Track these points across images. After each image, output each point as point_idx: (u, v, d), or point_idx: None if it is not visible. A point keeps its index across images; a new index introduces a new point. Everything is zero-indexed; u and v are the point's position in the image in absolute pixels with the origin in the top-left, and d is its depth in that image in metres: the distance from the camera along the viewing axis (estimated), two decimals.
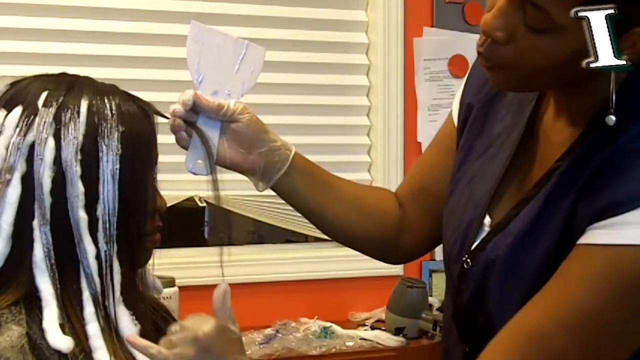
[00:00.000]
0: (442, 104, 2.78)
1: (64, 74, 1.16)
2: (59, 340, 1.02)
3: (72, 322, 1.05)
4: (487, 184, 1.25)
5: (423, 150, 2.74)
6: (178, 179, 2.37)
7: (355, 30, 2.73)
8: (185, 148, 1.27)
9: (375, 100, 2.72)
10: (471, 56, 2.79)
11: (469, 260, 1.22)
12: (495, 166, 1.25)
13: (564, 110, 1.19)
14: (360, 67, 2.74)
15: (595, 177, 1.10)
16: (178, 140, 1.26)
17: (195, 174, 1.26)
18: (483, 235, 1.22)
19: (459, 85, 2.84)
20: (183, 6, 2.49)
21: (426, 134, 2.75)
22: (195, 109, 1.25)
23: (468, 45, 2.79)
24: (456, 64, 2.79)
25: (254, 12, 2.57)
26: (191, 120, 1.25)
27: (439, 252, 2.76)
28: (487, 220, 1.23)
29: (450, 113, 1.41)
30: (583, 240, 1.09)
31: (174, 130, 1.25)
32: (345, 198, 1.39)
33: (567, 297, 1.09)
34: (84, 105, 1.10)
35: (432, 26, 2.77)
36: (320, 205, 1.36)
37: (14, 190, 1.07)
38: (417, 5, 2.75)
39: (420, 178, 1.44)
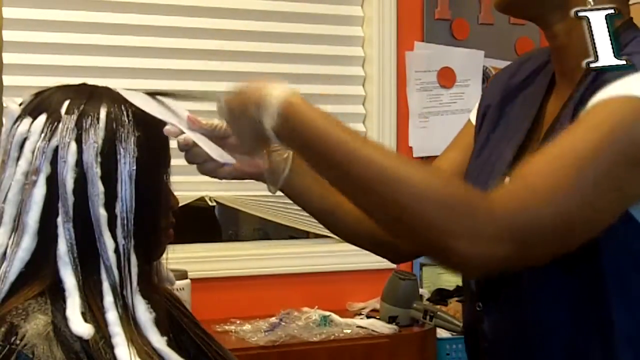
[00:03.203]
0: (431, 112, 2.79)
1: (84, 85, 1.16)
2: (81, 327, 1.02)
3: (92, 311, 1.04)
4: (505, 158, 1.21)
5: (414, 154, 2.76)
6: (190, 181, 2.36)
7: (352, 45, 2.75)
8: (199, 163, 1.19)
9: (370, 108, 2.73)
10: (458, 68, 2.81)
11: None
12: (509, 150, 1.21)
13: (564, 81, 1.16)
14: (357, 78, 2.75)
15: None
16: (193, 157, 1.18)
17: (228, 164, 1.18)
18: None
19: (447, 95, 2.86)
20: (183, 21, 2.49)
21: (417, 139, 2.77)
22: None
23: (455, 58, 2.80)
24: (444, 75, 2.79)
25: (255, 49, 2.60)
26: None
27: None
28: None
29: (469, 119, 1.37)
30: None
31: (185, 149, 1.18)
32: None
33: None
34: (103, 112, 1.10)
35: (423, 41, 2.77)
36: (329, 205, 1.28)
37: (40, 190, 1.07)
38: (409, 22, 2.75)
39: None
